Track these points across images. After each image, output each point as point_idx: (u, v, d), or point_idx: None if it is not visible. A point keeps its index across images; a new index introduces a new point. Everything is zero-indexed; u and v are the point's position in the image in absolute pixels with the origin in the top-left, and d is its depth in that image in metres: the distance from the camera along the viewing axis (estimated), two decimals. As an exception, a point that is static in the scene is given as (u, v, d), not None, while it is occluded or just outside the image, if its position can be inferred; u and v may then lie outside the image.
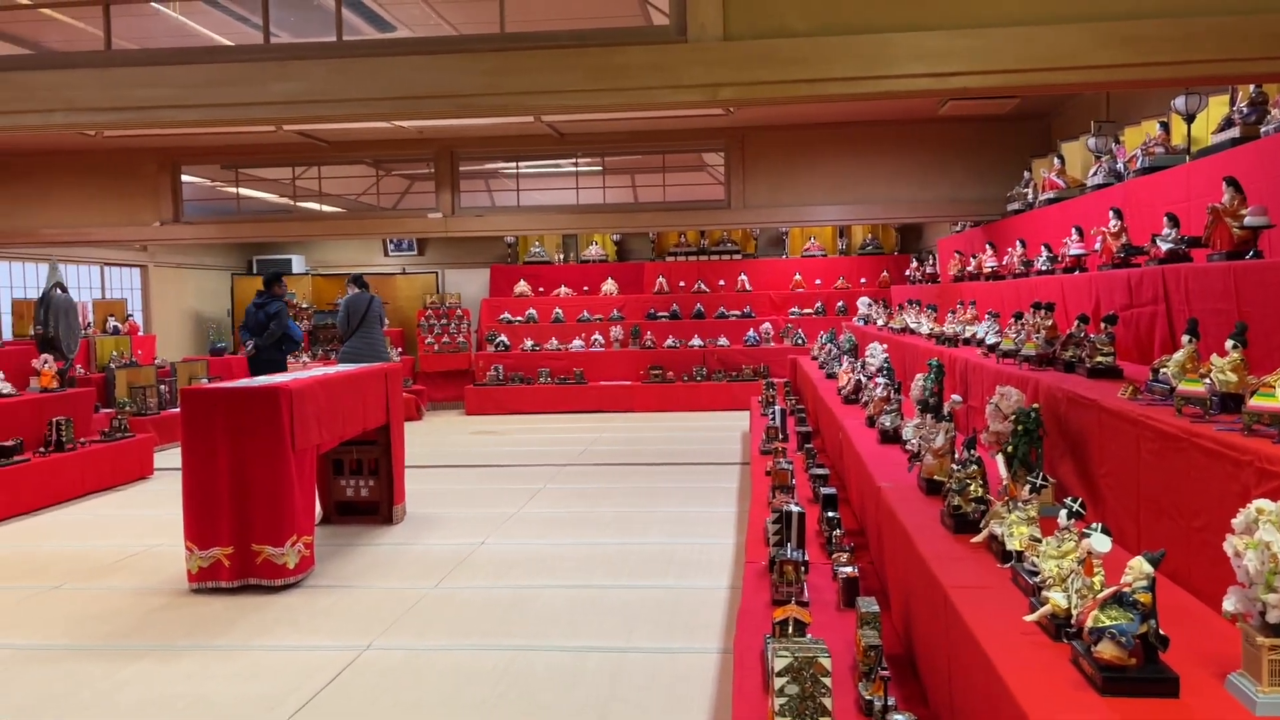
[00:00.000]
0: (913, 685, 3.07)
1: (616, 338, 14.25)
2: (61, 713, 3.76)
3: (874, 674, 2.76)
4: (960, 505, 3.23)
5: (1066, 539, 2.40)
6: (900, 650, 3.34)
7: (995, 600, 2.53)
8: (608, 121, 9.41)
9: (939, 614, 2.70)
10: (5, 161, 10.00)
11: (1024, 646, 2.22)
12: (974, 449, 3.36)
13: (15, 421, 8.01)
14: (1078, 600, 2.19)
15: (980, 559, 2.92)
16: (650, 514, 7.01)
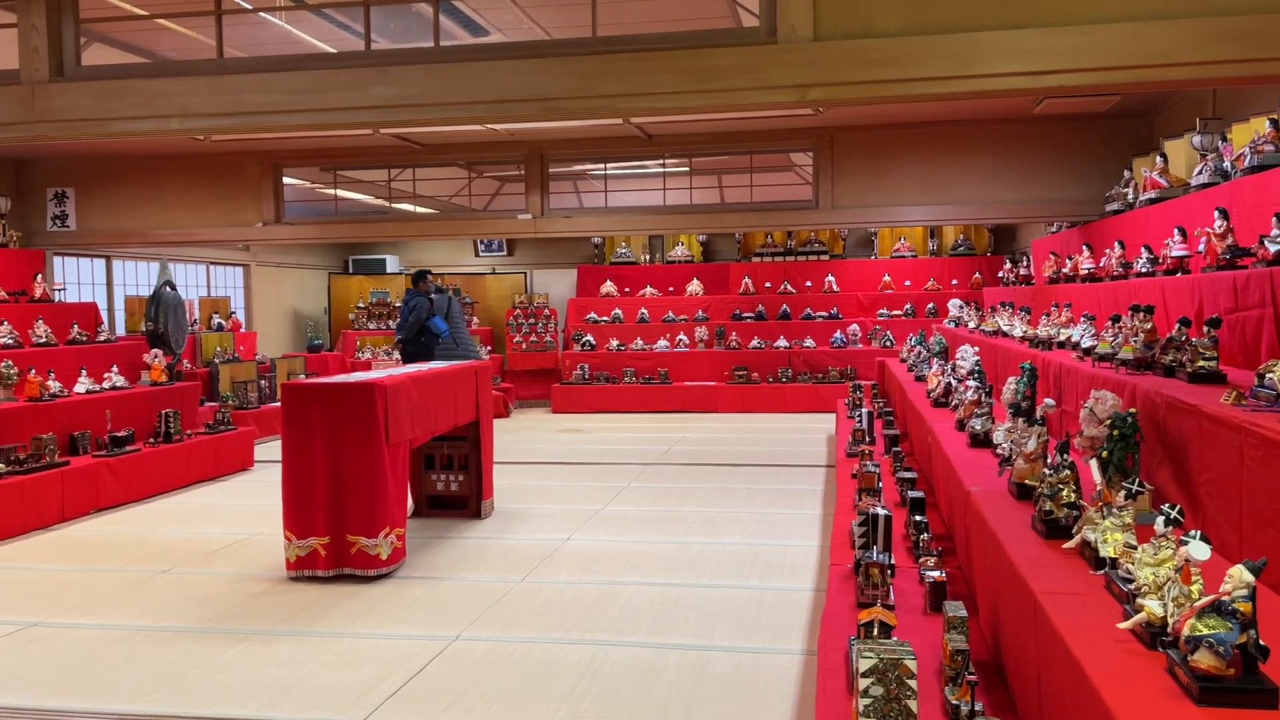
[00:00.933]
0: (1000, 692, 3.03)
1: (701, 338, 14.26)
2: (172, 691, 3.95)
3: (961, 679, 2.74)
4: (1052, 510, 3.17)
5: (1163, 546, 2.35)
6: (987, 656, 3.29)
7: (1088, 607, 2.48)
8: (695, 123, 9.43)
9: (1029, 620, 2.66)
10: (120, 166, 10.49)
11: (1117, 654, 2.18)
12: (1067, 454, 3.30)
13: (128, 413, 8.40)
14: (1174, 609, 2.14)
15: (1072, 565, 2.86)
16: (734, 514, 7.01)
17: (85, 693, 3.93)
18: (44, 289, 9.61)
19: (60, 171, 10.59)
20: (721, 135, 10.06)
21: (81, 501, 7.30)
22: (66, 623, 4.84)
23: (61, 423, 7.75)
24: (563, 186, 11.41)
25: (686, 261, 15.37)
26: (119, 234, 10.58)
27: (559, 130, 9.74)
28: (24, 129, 3.91)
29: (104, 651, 4.42)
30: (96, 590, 5.40)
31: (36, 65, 3.88)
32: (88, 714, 3.74)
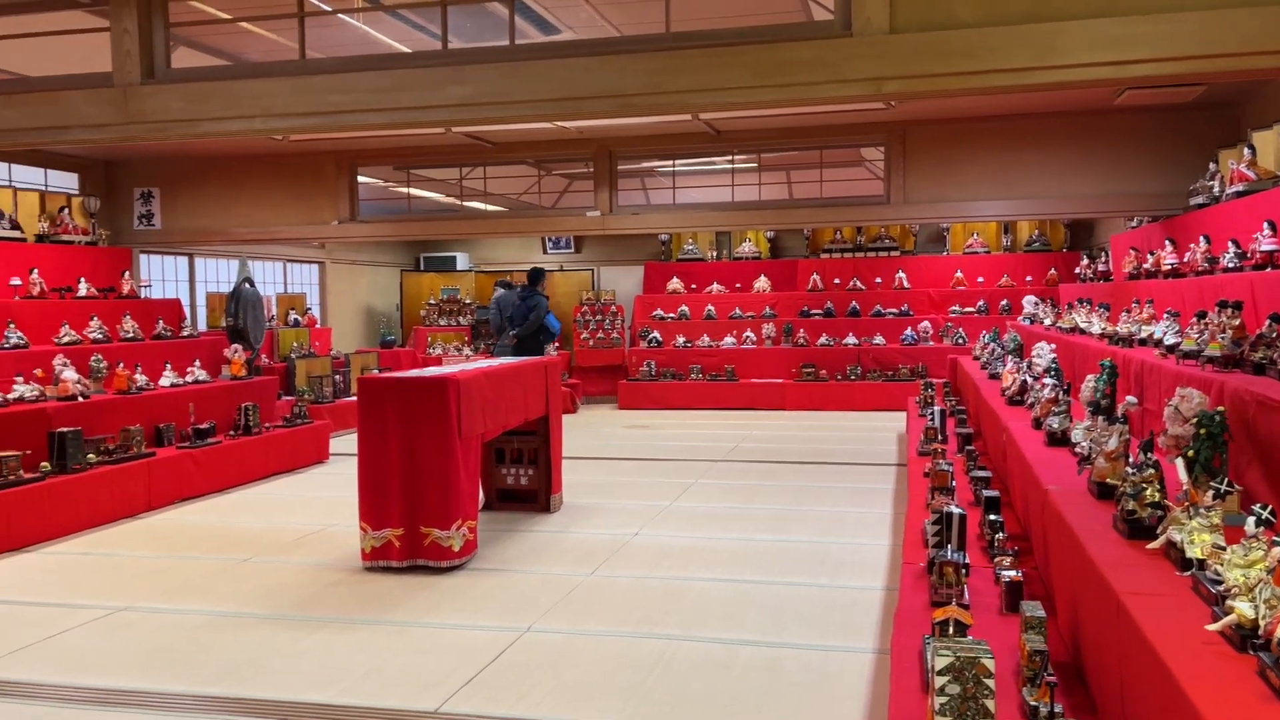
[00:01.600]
0: (1080, 694, 2.97)
1: (769, 335, 14.19)
2: (256, 675, 4.06)
3: (1039, 679, 2.69)
4: (1135, 510, 3.10)
5: (1254, 547, 2.29)
6: (1066, 658, 3.23)
7: (1174, 608, 2.42)
8: (765, 118, 9.38)
9: (1111, 621, 2.60)
10: (203, 166, 10.80)
11: (1206, 657, 2.12)
12: (1150, 452, 3.22)
13: (209, 406, 8.65)
14: (1266, 611, 2.08)
15: (1157, 566, 2.80)
16: (803, 512, 6.97)
17: (173, 675, 4.07)
18: (131, 286, 9.93)
19: (146, 172, 10.93)
20: (791, 130, 9.99)
21: (167, 491, 7.54)
22: (154, 607, 5.01)
23: (148, 415, 8.01)
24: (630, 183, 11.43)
25: (754, 258, 15.30)
26: (201, 232, 10.89)
27: (628, 127, 9.77)
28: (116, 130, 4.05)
29: (190, 636, 4.57)
30: (182, 577, 5.58)
31: (129, 68, 4.02)
32: (175, 695, 3.86)
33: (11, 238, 9.08)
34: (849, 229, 14.74)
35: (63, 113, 4.09)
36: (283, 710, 3.71)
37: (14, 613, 4.96)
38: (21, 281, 8.61)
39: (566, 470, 7.52)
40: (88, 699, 3.84)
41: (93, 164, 10.79)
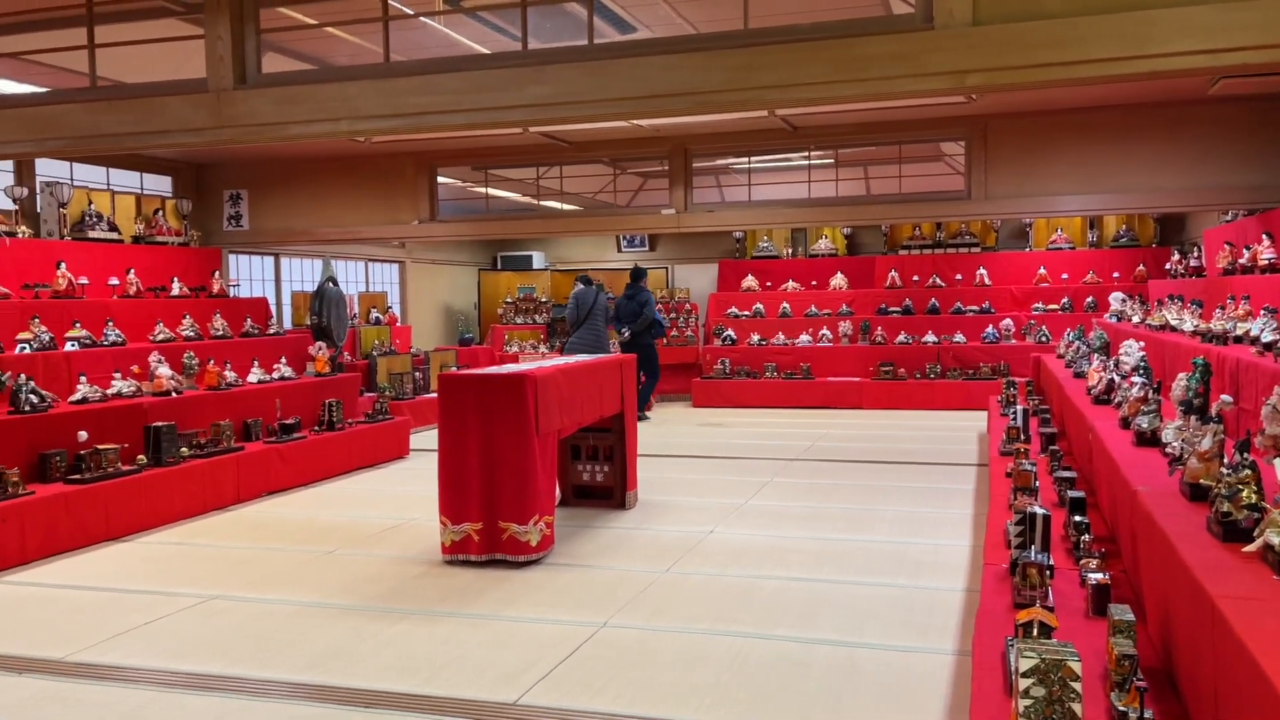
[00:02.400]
0: (1171, 700, 2.89)
1: (845, 333, 14.05)
2: (344, 664, 4.17)
3: (1128, 684, 2.63)
4: (1230, 512, 3.00)
5: (1359, 552, 2.20)
6: (1156, 663, 3.15)
7: (1272, 613, 2.34)
8: (842, 113, 9.29)
9: (1205, 626, 2.53)
10: (288, 168, 11.11)
11: (1306, 664, 2.05)
12: (1248, 453, 3.11)
13: (295, 402, 8.89)
14: (1372, 618, 2.00)
15: (1253, 569, 2.71)
16: (880, 512, 6.90)
17: (264, 662, 4.20)
18: (221, 285, 10.26)
19: (235, 174, 11.28)
20: (869, 126, 9.88)
21: (255, 484, 7.78)
22: (245, 596, 5.17)
23: (237, 410, 8.27)
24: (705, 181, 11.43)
25: (830, 255, 15.16)
26: (287, 232, 11.20)
27: (703, 124, 9.76)
28: (211, 134, 4.20)
29: (279, 624, 4.71)
30: (270, 567, 5.75)
31: (222, 74, 4.15)
32: (267, 681, 3.99)
33: (110, 239, 9.46)
34: (928, 225, 14.51)
35: (161, 118, 4.26)
36: (368, 698, 3.80)
37: (115, 599, 5.17)
38: (119, 281, 8.96)
39: (641, 467, 7.55)
40: (185, 683, 3.99)
41: (185, 167, 11.17)
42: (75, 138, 4.37)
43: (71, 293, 8.31)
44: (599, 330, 11.53)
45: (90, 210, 9.39)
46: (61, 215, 9.10)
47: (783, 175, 11.57)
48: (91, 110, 4.33)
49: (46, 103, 4.56)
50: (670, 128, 9.83)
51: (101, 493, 6.43)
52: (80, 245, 9.05)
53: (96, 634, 4.58)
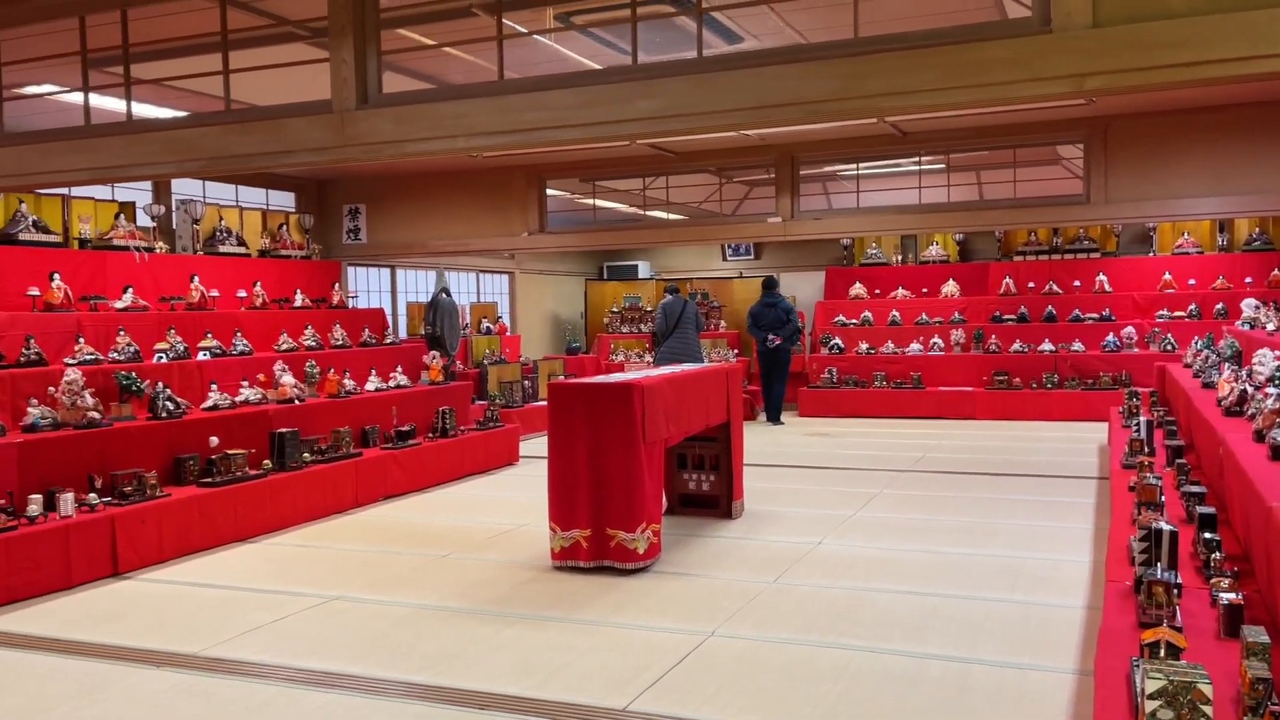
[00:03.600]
0: (1311, 730, 2.75)
1: (957, 341, 13.73)
2: (456, 666, 4.29)
3: (1262, 709, 2.51)
4: (1376, 533, 2.84)
5: None
6: (1295, 690, 2.99)
7: None
8: (954, 117, 9.11)
9: (1347, 651, 2.40)
10: (404, 183, 11.47)
11: None
12: (1395, 470, 2.94)
13: (410, 409, 9.16)
14: None
15: (1402, 594, 2.56)
16: (995, 525, 6.72)
17: (382, 662, 4.34)
18: (340, 296, 10.65)
19: (353, 190, 11.71)
20: (982, 129, 9.66)
21: (372, 489, 8.04)
22: (364, 597, 5.36)
23: (355, 417, 8.57)
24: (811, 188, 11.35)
25: (941, 261, 14.84)
26: (403, 245, 11.56)
27: (810, 132, 9.70)
28: (335, 153, 4.39)
29: (396, 625, 4.86)
30: (387, 570, 5.94)
31: (345, 95, 4.34)
32: (386, 681, 4.13)
33: (238, 253, 9.92)
34: (1044, 230, 14.08)
35: (288, 138, 4.47)
36: (481, 700, 3.90)
37: (243, 598, 5.42)
38: (246, 293, 9.39)
39: (747, 477, 7.53)
40: (309, 680, 4.16)
41: (308, 183, 11.65)
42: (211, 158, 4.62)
43: (204, 305, 8.75)
44: (689, 340, 11.56)
45: (221, 226, 9.87)
46: (195, 231, 9.60)
47: (892, 181, 11.40)
48: (226, 132, 4.58)
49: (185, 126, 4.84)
50: (777, 136, 9.80)
51: (231, 495, 6.74)
52: (211, 259, 9.52)
53: (226, 630, 4.81)
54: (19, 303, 7.31)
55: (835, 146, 10.21)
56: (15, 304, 7.28)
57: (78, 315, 7.52)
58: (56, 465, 6.10)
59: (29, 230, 7.87)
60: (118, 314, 7.85)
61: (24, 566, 5.40)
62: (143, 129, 4.83)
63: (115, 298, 8.04)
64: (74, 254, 8.14)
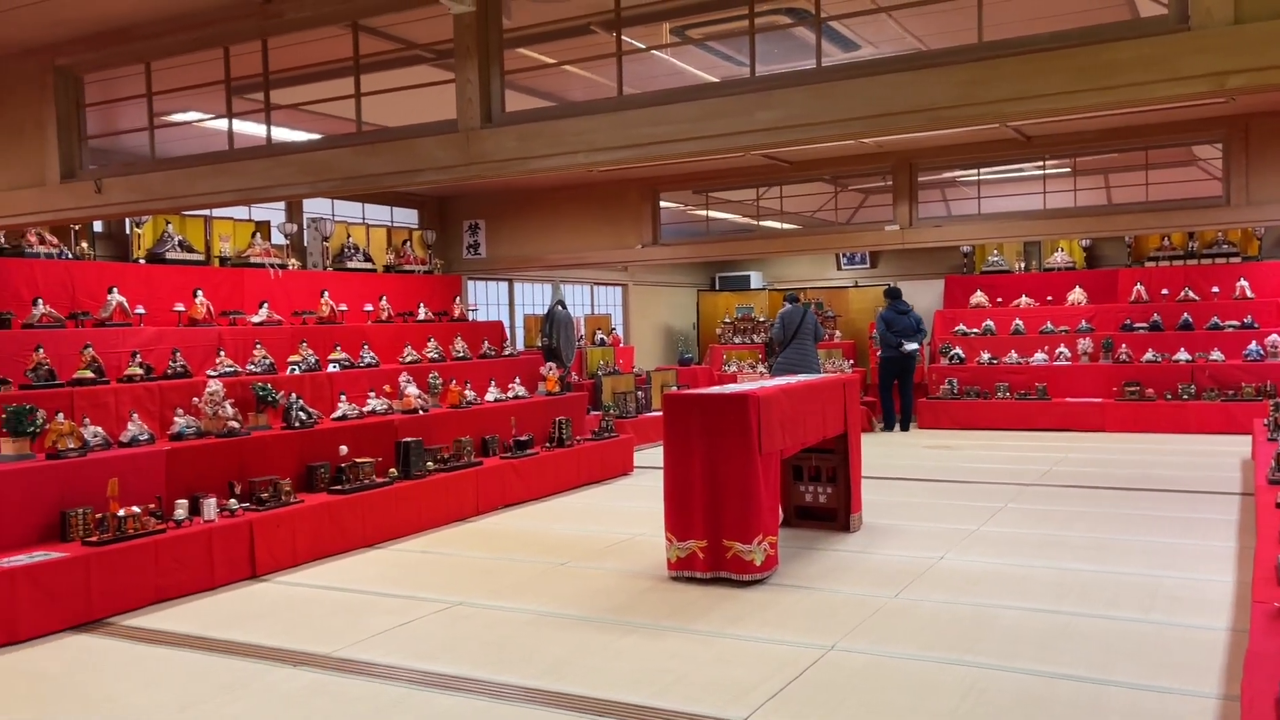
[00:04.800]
0: None
1: (1085, 351, 13.24)
2: (576, 673, 4.35)
3: None
4: None
5: None
6: None
7: None
8: (1081, 120, 8.81)
9: None
10: (521, 198, 11.72)
11: None
12: None
13: (528, 420, 9.34)
14: None
15: None
16: (1129, 542, 6.45)
17: (503, 667, 4.44)
18: (461, 310, 10.94)
19: (473, 206, 12.02)
20: (1111, 131, 9.31)
21: (492, 497, 8.22)
22: (485, 604, 5.48)
23: (476, 427, 8.78)
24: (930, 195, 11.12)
25: (1067, 268, 14.34)
26: (521, 259, 11.80)
27: (930, 138, 9.52)
28: (460, 171, 4.53)
29: (517, 632, 4.96)
30: (507, 577, 6.06)
31: (470, 114, 4.47)
32: (508, 686, 4.22)
33: (365, 269, 10.30)
34: (1178, 234, 13.46)
35: (416, 158, 4.63)
36: (602, 707, 3.95)
37: (371, 602, 5.61)
38: (373, 307, 9.73)
39: (865, 489, 7.41)
40: (434, 683, 4.28)
41: (430, 200, 12.02)
42: (344, 178, 4.83)
43: (333, 319, 9.11)
44: (807, 350, 11.45)
45: (349, 243, 10.27)
46: (324, 248, 10.01)
47: (1014, 186, 11.08)
48: (358, 153, 4.78)
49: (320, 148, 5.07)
50: (894, 142, 9.65)
51: (359, 502, 6.99)
52: (340, 275, 9.91)
53: (356, 633, 4.99)
54: (166, 318, 7.75)
55: (955, 152, 9.99)
56: (163, 319, 7.72)
57: (219, 330, 7.93)
58: (200, 472, 6.44)
59: (175, 250, 8.35)
60: (254, 328, 8.24)
61: (171, 568, 5.72)
62: (281, 152, 5.09)
63: (252, 312, 8.44)
64: (215, 271, 8.59)
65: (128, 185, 5.45)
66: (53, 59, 5.57)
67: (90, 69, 5.65)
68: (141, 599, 5.55)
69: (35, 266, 7.18)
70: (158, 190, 5.41)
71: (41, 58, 5.59)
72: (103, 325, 7.19)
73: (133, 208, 5.68)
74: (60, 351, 6.67)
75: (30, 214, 5.79)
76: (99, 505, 5.69)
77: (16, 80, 5.71)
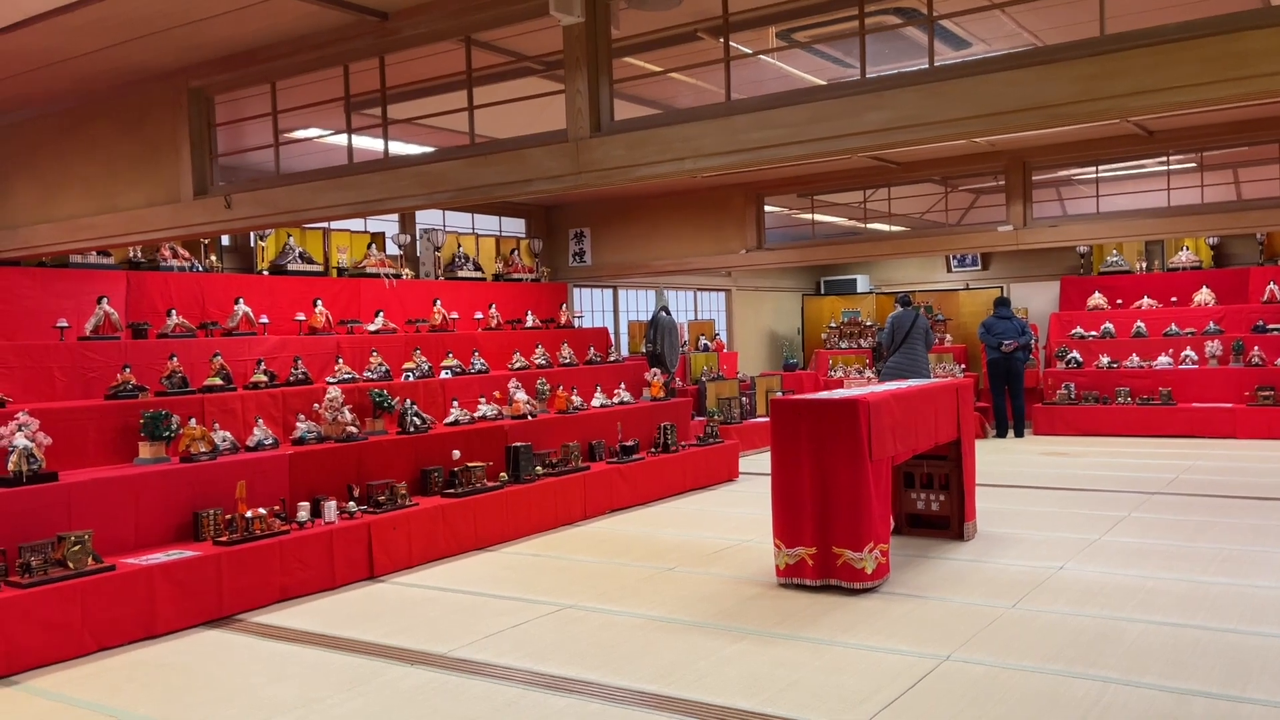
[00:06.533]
0: None
1: (1213, 354, 12.63)
2: (685, 677, 4.36)
3: None
4: None
5: None
6: None
7: None
8: (1208, 113, 8.42)
9: None
10: (626, 206, 11.81)
11: None
12: None
13: (633, 425, 9.40)
14: None
15: None
16: (1265, 554, 6.14)
17: (614, 670, 4.48)
18: (567, 316, 11.08)
19: (579, 214, 12.17)
20: (1241, 124, 8.87)
21: (599, 502, 8.31)
22: (595, 607, 5.54)
23: (582, 432, 8.88)
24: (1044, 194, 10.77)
25: (1193, 268, 13.72)
26: (625, 266, 11.89)
27: (1044, 136, 9.24)
28: (570, 180, 4.59)
29: (627, 635, 5.00)
30: (616, 581, 6.11)
31: (580, 124, 4.54)
32: (618, 689, 4.26)
33: (475, 278, 10.53)
34: (1315, 230, 12.74)
35: (527, 168, 4.72)
36: (714, 713, 3.95)
37: (484, 603, 5.73)
38: (483, 315, 9.95)
39: (980, 497, 7.23)
40: (547, 684, 4.35)
41: (537, 210, 12.22)
42: (458, 190, 4.95)
43: (445, 327, 9.34)
44: (917, 354, 11.20)
45: (459, 252, 10.52)
46: (436, 258, 10.27)
47: (1134, 183, 10.66)
48: (471, 164, 4.90)
49: (434, 160, 5.21)
50: (1007, 141, 9.39)
51: (471, 506, 7.15)
52: (451, 284, 10.15)
53: (471, 633, 5.10)
54: (288, 327, 8.07)
55: (1072, 149, 9.66)
56: (285, 328, 8.04)
57: (337, 338, 8.22)
58: (320, 475, 6.68)
59: (296, 261, 8.69)
60: (371, 336, 8.52)
61: (294, 567, 5.95)
62: (397, 165, 5.24)
63: (368, 321, 8.72)
64: (333, 282, 8.90)
65: (254, 200, 5.70)
66: (187, 81, 5.87)
67: (220, 90, 5.93)
68: (268, 597, 5.79)
69: (169, 279, 7.58)
70: (281, 204, 5.64)
71: (176, 80, 5.89)
72: (230, 334, 7.53)
73: (258, 222, 5.93)
74: (192, 360, 7.02)
75: (165, 229, 6.09)
76: (228, 507, 5.96)
77: (154, 103, 6.04)
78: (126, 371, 6.52)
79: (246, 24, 5.17)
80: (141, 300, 7.32)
